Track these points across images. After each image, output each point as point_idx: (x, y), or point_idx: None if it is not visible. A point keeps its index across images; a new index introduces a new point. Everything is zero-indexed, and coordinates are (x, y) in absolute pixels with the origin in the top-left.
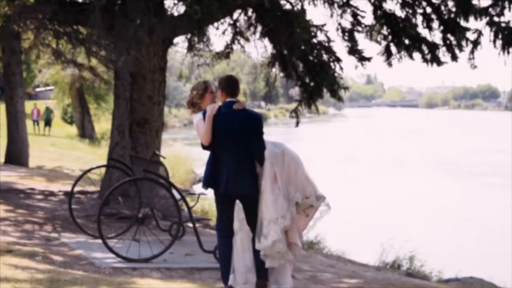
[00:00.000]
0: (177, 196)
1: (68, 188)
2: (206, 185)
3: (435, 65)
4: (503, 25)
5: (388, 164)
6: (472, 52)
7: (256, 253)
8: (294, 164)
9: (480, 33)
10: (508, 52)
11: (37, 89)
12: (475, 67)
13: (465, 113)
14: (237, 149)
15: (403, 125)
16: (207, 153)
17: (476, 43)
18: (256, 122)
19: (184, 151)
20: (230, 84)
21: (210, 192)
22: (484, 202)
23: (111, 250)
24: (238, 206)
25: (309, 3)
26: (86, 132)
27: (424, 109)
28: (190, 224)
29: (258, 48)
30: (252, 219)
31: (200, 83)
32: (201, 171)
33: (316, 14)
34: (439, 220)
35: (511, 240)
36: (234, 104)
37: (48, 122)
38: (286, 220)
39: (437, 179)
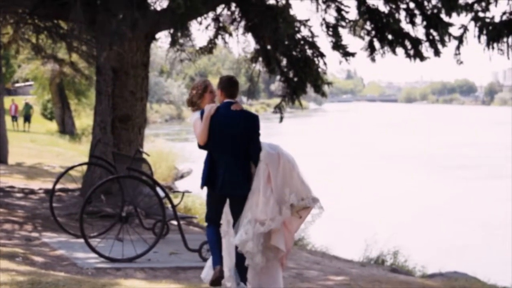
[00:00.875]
0: (161, 194)
1: (48, 185)
2: (204, 185)
3: (417, 60)
4: (487, 20)
5: (368, 159)
6: (458, 47)
7: (237, 255)
8: (289, 166)
9: (465, 29)
10: (493, 48)
11: (16, 85)
12: (461, 62)
13: (443, 108)
14: (234, 149)
15: (383, 120)
16: (189, 149)
17: (461, 39)
18: (253, 123)
19: (166, 147)
20: (230, 85)
21: (194, 190)
22: (461, 196)
23: (94, 250)
24: (227, 208)
25: None
26: (67, 128)
27: (403, 103)
28: (174, 222)
29: (241, 43)
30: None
31: (200, 82)
32: (183, 167)
33: (300, 9)
34: (418, 214)
35: (489, 233)
36: (232, 105)
37: (27, 118)
38: (275, 223)
39: (417, 173)
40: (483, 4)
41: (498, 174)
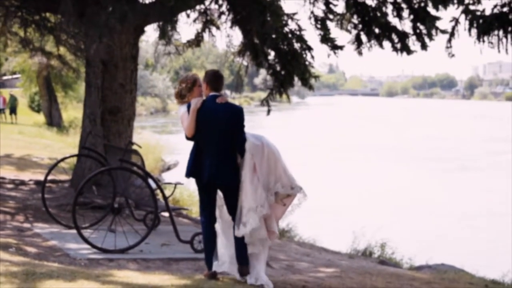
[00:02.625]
0: (153, 185)
1: (38, 176)
2: (189, 175)
3: (404, 54)
4: (478, 13)
5: (350, 151)
6: (449, 40)
7: (237, 241)
8: (273, 156)
9: (457, 22)
10: (484, 41)
11: (4, 78)
12: (453, 55)
13: (424, 101)
14: (220, 141)
15: (365, 113)
16: (175, 141)
17: (453, 32)
18: (238, 115)
19: (153, 139)
20: (216, 79)
21: (186, 182)
22: (439, 187)
23: (86, 241)
24: (219, 194)
25: None
26: (54, 120)
27: (384, 97)
28: (165, 214)
29: (229, 36)
30: (232, 208)
31: (189, 76)
32: (169, 159)
33: (287, 2)
34: (398, 206)
35: (467, 224)
36: (217, 98)
37: (13, 110)
38: (265, 209)
39: (397, 166)
40: None
41: (475, 166)
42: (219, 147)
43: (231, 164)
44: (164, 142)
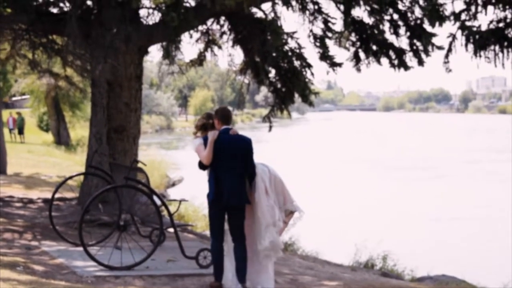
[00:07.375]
0: (158, 202)
1: (46, 195)
2: (213, 200)
3: (401, 69)
4: (474, 29)
5: (349, 164)
6: (446, 56)
7: (238, 261)
8: (278, 180)
9: (454, 37)
10: (480, 56)
11: (13, 98)
12: (450, 70)
13: (420, 116)
14: (233, 167)
15: (363, 128)
16: (180, 157)
17: (450, 47)
18: (248, 145)
19: (158, 155)
20: (224, 115)
21: (186, 197)
22: (429, 197)
23: (93, 258)
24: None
25: (286, 9)
26: (62, 139)
27: (381, 112)
28: (170, 230)
29: (230, 55)
30: (237, 228)
31: (213, 115)
32: (174, 175)
33: (287, 21)
34: (392, 217)
35: (456, 232)
36: (229, 131)
37: (20, 130)
38: (281, 222)
39: (394, 177)
40: (471, 13)
41: (470, 176)
42: (232, 173)
43: (243, 187)
44: (169, 159)
